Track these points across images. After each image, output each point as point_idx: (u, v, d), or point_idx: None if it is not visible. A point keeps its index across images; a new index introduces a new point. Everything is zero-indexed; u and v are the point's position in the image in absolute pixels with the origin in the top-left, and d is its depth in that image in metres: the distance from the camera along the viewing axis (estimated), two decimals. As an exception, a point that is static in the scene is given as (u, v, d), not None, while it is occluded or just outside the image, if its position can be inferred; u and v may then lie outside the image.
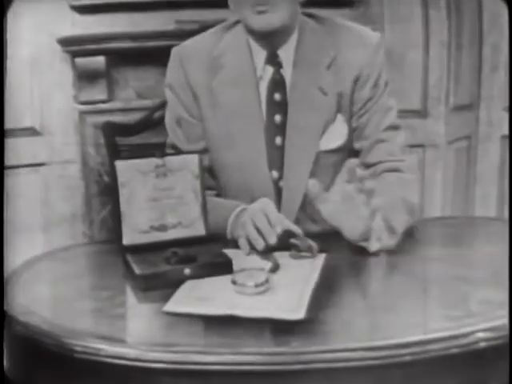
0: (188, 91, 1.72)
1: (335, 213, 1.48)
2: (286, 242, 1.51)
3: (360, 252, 1.50)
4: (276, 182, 1.73)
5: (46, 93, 2.75)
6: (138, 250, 1.48)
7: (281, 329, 1.18)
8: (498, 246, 1.47)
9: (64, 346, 1.16)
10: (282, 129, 1.71)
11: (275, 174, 1.73)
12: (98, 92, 2.76)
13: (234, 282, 1.31)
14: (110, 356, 1.12)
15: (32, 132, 2.78)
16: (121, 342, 1.15)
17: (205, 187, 1.56)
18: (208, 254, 1.46)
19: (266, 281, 1.31)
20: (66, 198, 2.88)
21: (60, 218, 2.89)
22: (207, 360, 1.10)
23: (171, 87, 1.76)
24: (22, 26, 2.64)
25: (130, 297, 1.36)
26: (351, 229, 1.48)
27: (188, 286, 1.35)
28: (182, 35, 1.80)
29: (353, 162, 1.48)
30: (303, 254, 1.49)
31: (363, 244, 1.49)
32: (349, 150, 1.74)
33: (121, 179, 1.50)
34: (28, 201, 2.82)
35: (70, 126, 2.80)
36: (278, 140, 1.71)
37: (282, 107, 1.71)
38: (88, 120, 2.79)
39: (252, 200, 1.63)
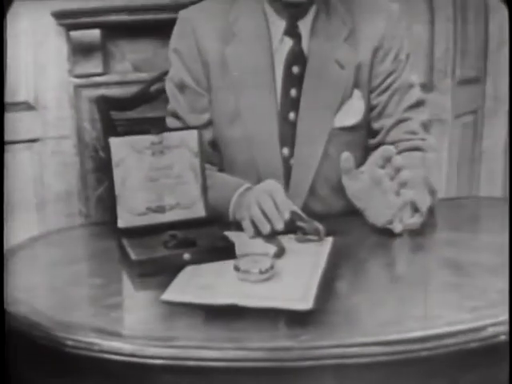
0: (197, 59, 1.63)
1: (362, 193, 1.40)
2: (291, 225, 1.43)
3: (371, 235, 1.42)
4: (286, 160, 1.64)
5: (40, 66, 2.67)
6: (134, 233, 1.39)
7: (288, 320, 1.10)
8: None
9: (54, 339, 1.08)
10: (296, 104, 1.62)
11: (286, 151, 1.64)
12: (94, 65, 2.68)
13: (236, 269, 1.23)
14: (104, 351, 1.04)
15: (25, 107, 2.70)
16: (115, 335, 1.06)
17: (205, 165, 1.47)
18: (209, 237, 1.37)
19: (271, 267, 1.22)
20: (60, 175, 2.81)
21: (55, 195, 2.81)
22: (209, 356, 1.01)
23: (178, 52, 1.66)
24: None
25: (126, 284, 1.27)
26: (377, 215, 1.40)
27: (187, 272, 1.27)
28: (179, 8, 1.70)
29: (389, 148, 1.38)
30: (309, 237, 1.40)
31: (386, 226, 1.42)
32: (366, 129, 1.66)
33: (115, 158, 1.41)
34: (21, 178, 2.75)
35: (64, 100, 2.72)
36: (292, 115, 1.63)
37: (299, 81, 1.62)
38: (83, 94, 2.71)
39: (258, 178, 1.55)
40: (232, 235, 1.39)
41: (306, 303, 1.13)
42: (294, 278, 1.23)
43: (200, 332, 1.07)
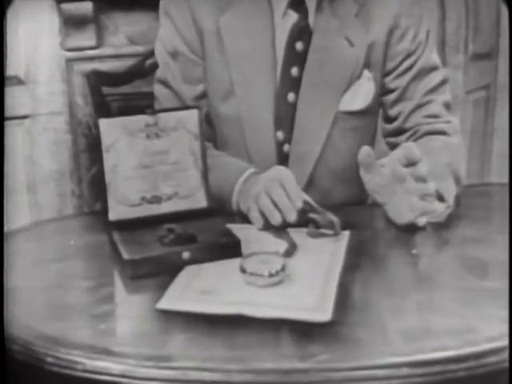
0: (191, 25, 1.48)
1: (383, 189, 1.24)
2: (302, 217, 1.27)
3: (390, 227, 1.27)
4: (280, 145, 1.49)
5: (31, 39, 2.55)
6: (127, 226, 1.24)
7: (303, 335, 0.94)
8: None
9: (32, 354, 0.93)
10: (298, 84, 1.47)
11: (280, 135, 1.49)
12: (86, 38, 2.57)
13: (243, 270, 1.07)
14: (89, 371, 0.89)
15: (15, 81, 2.58)
16: (103, 352, 0.91)
17: (206, 149, 1.31)
18: (210, 231, 1.22)
19: (282, 269, 1.07)
20: (52, 154, 2.70)
21: (46, 175, 2.69)
22: (210, 379, 0.86)
23: (170, 16, 1.50)
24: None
25: (118, 287, 1.12)
26: (397, 214, 1.25)
27: (187, 274, 1.11)
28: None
29: (414, 152, 1.22)
30: (323, 231, 1.25)
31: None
32: (375, 115, 1.51)
33: (105, 142, 1.25)
34: (10, 157, 2.63)
35: (56, 75, 2.60)
36: (291, 96, 1.47)
37: (301, 59, 1.47)
38: (75, 68, 2.59)
39: (250, 163, 1.39)
40: (236, 228, 1.23)
41: (323, 313, 0.97)
42: (308, 281, 1.08)
43: (200, 349, 0.92)
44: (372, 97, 1.49)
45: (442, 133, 1.46)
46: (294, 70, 1.46)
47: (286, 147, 1.49)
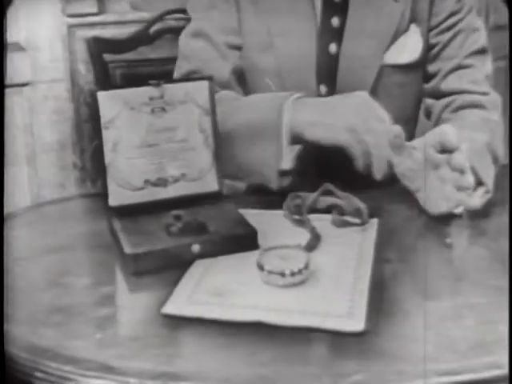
0: None
1: (414, 174, 1.10)
2: (323, 202, 1.14)
3: (420, 214, 1.13)
4: None
5: (31, 5, 2.48)
6: (129, 213, 1.10)
7: (334, 348, 0.81)
8: None
9: (18, 367, 0.80)
10: (339, 34, 1.36)
11: (324, 88, 1.37)
12: (88, 4, 2.49)
13: (260, 267, 0.94)
14: (84, 390, 0.76)
15: (15, 48, 2.47)
16: (100, 368, 0.78)
17: (217, 125, 1.17)
18: (223, 219, 1.08)
19: (306, 266, 0.93)
20: (52, 124, 2.57)
21: (46, 147, 2.56)
22: (227, 404, 0.73)
23: None
24: None
25: (119, 286, 0.99)
26: (431, 203, 1.12)
27: (196, 270, 0.98)
28: None
29: (450, 139, 1.09)
30: (349, 219, 1.11)
31: None
32: (422, 73, 1.40)
33: (104, 117, 1.12)
34: (9, 127, 2.52)
35: (57, 41, 2.50)
36: (333, 47, 1.36)
37: (341, 8, 1.36)
38: (77, 34, 2.49)
39: None
40: (250, 215, 1.09)
41: (356, 322, 0.84)
42: (335, 280, 0.94)
43: (214, 365, 0.79)
44: (419, 51, 1.39)
45: (481, 106, 1.32)
46: (335, 21, 1.36)
47: None
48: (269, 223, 1.11)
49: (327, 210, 1.13)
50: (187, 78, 1.19)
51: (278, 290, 0.92)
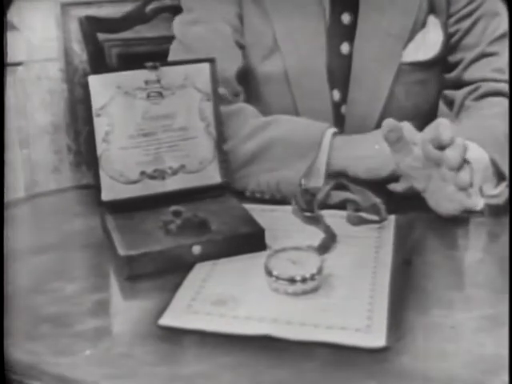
0: None
1: (415, 172, 1.00)
2: (335, 197, 1.04)
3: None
4: (337, 107, 1.26)
5: None
6: (123, 208, 1.01)
7: (352, 367, 0.72)
8: None
9: (-2, 389, 0.71)
10: (350, 32, 1.23)
11: (337, 94, 1.26)
12: None
13: (268, 272, 0.84)
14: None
15: (9, 27, 2.34)
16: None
17: (220, 112, 1.07)
18: (226, 216, 0.99)
19: (319, 271, 0.84)
20: (46, 105, 2.48)
21: (40, 129, 2.47)
22: None
23: None
24: None
25: (112, 292, 0.89)
26: (437, 204, 1.01)
27: (197, 276, 0.89)
28: None
29: (444, 133, 0.97)
30: (366, 216, 1.01)
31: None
32: (442, 66, 1.28)
33: (95, 103, 1.02)
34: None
35: (51, 20, 2.41)
36: (345, 47, 1.24)
37: (352, 3, 1.24)
38: (72, 13, 2.38)
39: None
40: (255, 211, 1.00)
41: (375, 336, 0.75)
42: (351, 287, 0.85)
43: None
44: (440, 45, 1.27)
45: (505, 95, 1.21)
46: (346, 17, 1.23)
47: (343, 108, 1.25)
48: (277, 220, 1.02)
49: (340, 205, 1.03)
50: (186, 60, 1.09)
51: (288, 299, 0.82)
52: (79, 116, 2.47)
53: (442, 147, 0.95)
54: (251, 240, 0.93)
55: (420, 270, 0.90)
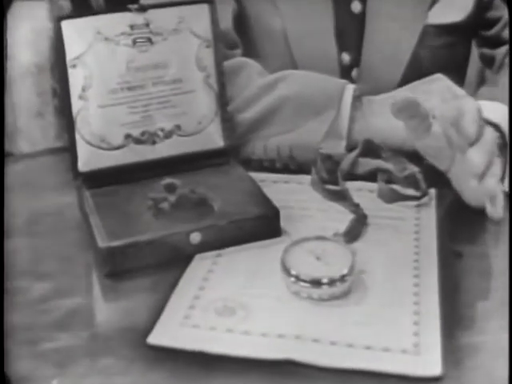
0: None
1: (436, 151, 0.81)
2: (364, 165, 0.86)
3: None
4: (347, 71, 1.06)
5: None
6: (104, 182, 0.82)
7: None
8: None
9: None
10: None
11: (346, 57, 1.06)
12: None
13: (285, 270, 0.67)
14: None
15: None
16: None
17: (222, 61, 0.88)
18: (231, 192, 0.81)
19: (351, 271, 0.66)
20: (29, 44, 2.27)
21: (22, 70, 2.27)
22: None
23: None
24: None
25: (90, 295, 0.71)
26: (462, 190, 0.81)
27: (196, 272, 0.71)
28: None
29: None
30: (401, 189, 0.83)
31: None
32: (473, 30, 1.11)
33: (70, 53, 0.83)
34: None
35: None
36: (357, 5, 1.05)
37: None
38: None
39: None
40: (265, 183, 0.82)
41: (428, 361, 0.58)
42: (390, 291, 0.67)
43: None
44: (472, 5, 1.09)
45: None
46: None
47: (354, 72, 1.06)
48: (292, 195, 0.84)
49: (369, 176, 0.85)
50: (181, 0, 0.89)
51: (313, 306, 0.65)
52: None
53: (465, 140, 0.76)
54: (263, 224, 0.75)
55: (475, 265, 0.72)
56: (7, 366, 0.59)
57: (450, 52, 1.09)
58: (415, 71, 1.04)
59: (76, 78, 0.83)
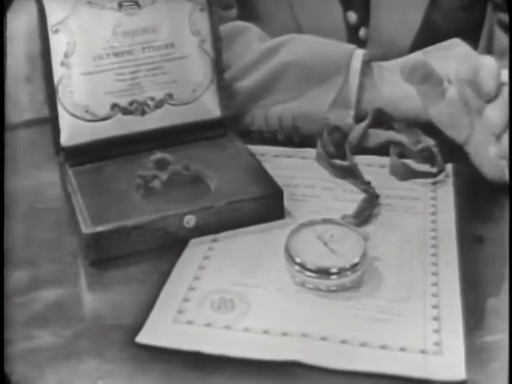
0: None
1: (452, 120, 0.73)
2: (374, 137, 0.79)
3: None
4: (353, 29, 0.98)
5: None
6: (88, 158, 0.75)
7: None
8: None
9: None
10: None
11: (353, 16, 0.98)
12: None
13: (290, 259, 0.60)
14: None
15: None
16: None
17: (218, 26, 0.81)
18: (229, 169, 0.74)
19: (363, 259, 0.60)
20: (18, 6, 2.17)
21: (11, 34, 2.17)
22: None
23: None
24: None
25: (74, 287, 0.64)
26: (481, 164, 0.74)
27: (191, 260, 0.64)
28: None
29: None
30: (416, 165, 0.76)
31: None
32: None
33: (52, 17, 0.75)
34: None
35: None
36: None
37: None
38: None
39: None
40: (266, 158, 0.75)
41: (451, 363, 0.52)
42: (406, 282, 0.60)
43: None
44: None
45: None
46: None
47: (362, 32, 0.98)
48: (295, 171, 0.77)
49: (380, 149, 0.78)
50: None
51: (320, 299, 0.58)
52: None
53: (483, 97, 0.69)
54: (264, 205, 0.68)
55: (498, 250, 0.65)
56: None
57: (465, 15, 1.02)
58: (428, 35, 0.97)
59: (58, 44, 0.76)
